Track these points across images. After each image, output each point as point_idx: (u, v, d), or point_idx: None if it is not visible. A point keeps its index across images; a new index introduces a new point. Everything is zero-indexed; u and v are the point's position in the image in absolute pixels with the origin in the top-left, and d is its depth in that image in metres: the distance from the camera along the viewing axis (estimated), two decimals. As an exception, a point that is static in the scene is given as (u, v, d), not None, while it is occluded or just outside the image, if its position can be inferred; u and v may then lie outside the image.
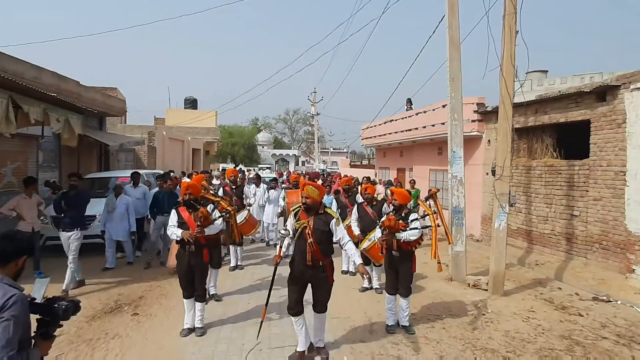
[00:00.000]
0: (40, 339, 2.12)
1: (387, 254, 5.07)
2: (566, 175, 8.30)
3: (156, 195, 8.07)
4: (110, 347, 4.47)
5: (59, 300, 2.14)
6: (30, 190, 7.02)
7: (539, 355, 4.42)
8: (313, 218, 4.06)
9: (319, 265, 4.04)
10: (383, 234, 4.92)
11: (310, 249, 3.98)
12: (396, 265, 5.01)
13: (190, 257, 4.75)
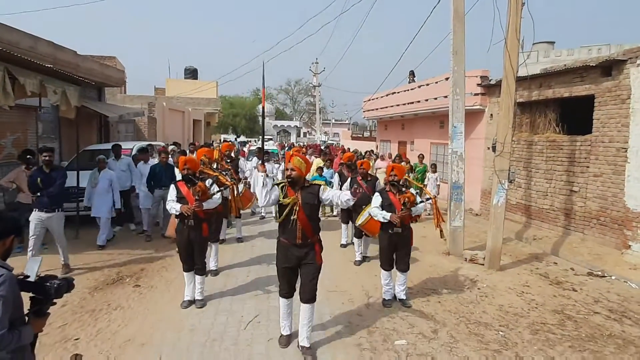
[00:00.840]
0: (33, 317, 2.14)
1: (386, 231, 5.00)
2: (568, 150, 8.25)
3: (153, 168, 8.01)
4: (112, 318, 4.59)
5: (52, 278, 2.16)
6: (28, 163, 7.03)
7: (531, 330, 4.52)
8: (300, 192, 3.84)
9: (308, 244, 3.86)
10: (402, 210, 4.78)
11: (300, 226, 3.79)
12: (396, 242, 5.00)
13: (189, 231, 4.80)
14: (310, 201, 3.83)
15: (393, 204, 4.94)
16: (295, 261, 3.88)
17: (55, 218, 5.82)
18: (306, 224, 3.80)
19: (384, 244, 5.10)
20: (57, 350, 3.89)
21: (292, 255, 3.86)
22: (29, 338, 2.10)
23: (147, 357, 3.81)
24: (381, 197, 5.08)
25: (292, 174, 3.82)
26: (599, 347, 4.18)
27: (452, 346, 4.11)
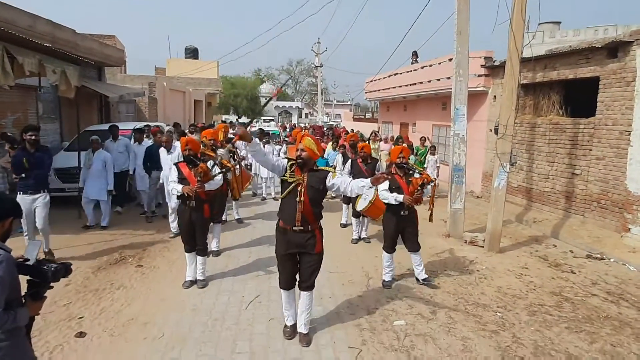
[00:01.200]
0: (30, 300, 2.14)
1: (395, 213, 4.97)
2: (570, 133, 8.20)
3: (149, 149, 7.95)
4: (115, 297, 4.66)
5: (49, 262, 2.16)
6: None
7: (528, 311, 4.57)
8: (307, 174, 3.65)
9: (309, 230, 3.65)
10: (418, 192, 4.77)
11: (301, 209, 3.58)
12: (403, 225, 5.02)
13: (191, 212, 4.82)
14: (315, 185, 3.64)
15: (401, 187, 4.93)
16: (295, 248, 3.69)
17: (41, 200, 5.56)
18: (308, 208, 3.60)
19: (390, 227, 5.08)
20: (61, 328, 3.96)
21: (292, 241, 3.67)
22: (24, 320, 2.10)
23: (150, 335, 3.87)
24: (389, 180, 4.98)
25: (303, 154, 3.63)
26: (595, 328, 4.23)
27: (451, 327, 4.17)
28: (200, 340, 3.80)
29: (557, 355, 3.72)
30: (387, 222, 5.13)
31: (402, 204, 4.87)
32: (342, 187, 3.68)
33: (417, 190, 4.77)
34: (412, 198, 4.79)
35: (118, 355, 3.54)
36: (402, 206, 4.90)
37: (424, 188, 4.78)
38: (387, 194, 4.95)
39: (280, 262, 3.82)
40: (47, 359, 3.48)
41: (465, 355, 3.67)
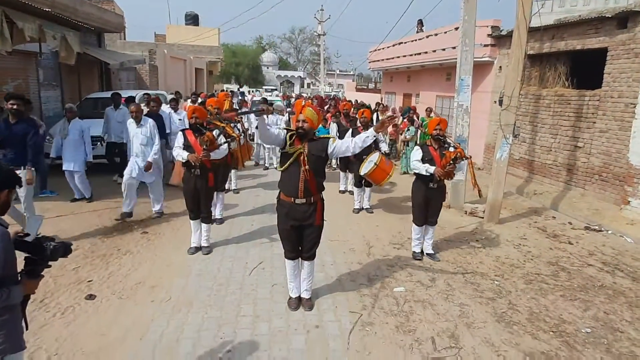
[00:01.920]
0: (26, 277, 2.03)
1: (424, 185, 4.94)
2: (575, 105, 8.14)
3: None
4: (122, 262, 4.77)
5: (49, 240, 2.06)
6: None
7: (525, 280, 4.69)
8: (307, 143, 3.58)
9: (311, 202, 3.63)
10: (450, 165, 4.66)
11: (303, 178, 3.53)
12: (431, 198, 4.99)
13: (195, 180, 4.87)
14: (317, 153, 3.59)
15: (434, 159, 4.84)
16: (298, 221, 3.66)
17: (22, 177, 4.92)
18: (311, 179, 3.55)
19: (419, 199, 5.03)
20: (71, 290, 4.09)
21: (294, 215, 3.64)
22: (17, 298, 1.99)
23: (158, 298, 4.00)
24: (422, 151, 4.97)
25: (304, 125, 3.54)
26: (589, 296, 4.35)
27: (449, 294, 4.29)
28: (206, 304, 3.93)
29: (551, 321, 3.85)
30: (415, 193, 5.08)
31: (432, 176, 4.80)
32: (344, 147, 3.65)
33: (449, 164, 4.66)
34: (443, 171, 4.68)
35: (127, 317, 3.67)
36: (431, 178, 4.83)
37: (456, 162, 4.68)
38: (419, 164, 4.88)
39: (284, 235, 3.80)
40: (60, 319, 3.61)
41: (462, 320, 3.79)
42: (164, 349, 3.26)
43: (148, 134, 6.11)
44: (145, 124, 6.14)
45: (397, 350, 3.33)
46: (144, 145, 6.08)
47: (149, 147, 6.13)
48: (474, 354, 3.32)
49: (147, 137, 6.10)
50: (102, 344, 3.29)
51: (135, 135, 6.13)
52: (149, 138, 6.14)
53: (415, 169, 4.96)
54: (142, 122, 6.12)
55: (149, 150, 6.12)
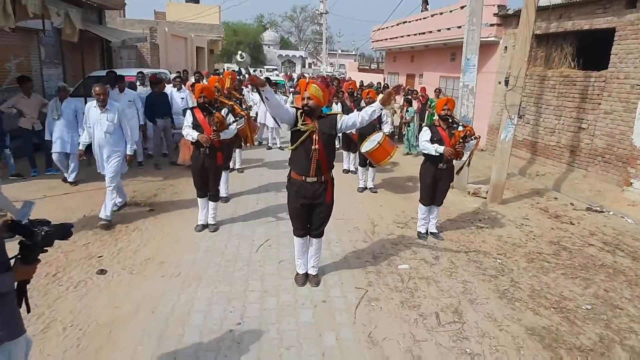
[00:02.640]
0: (20, 263, 1.91)
1: (433, 165, 4.93)
2: (581, 86, 8.10)
3: (150, 97, 7.82)
4: (131, 239, 4.85)
5: (43, 224, 1.92)
6: (27, 89, 6.98)
7: (527, 258, 4.77)
8: (317, 121, 3.59)
9: (322, 181, 3.66)
10: (459, 144, 4.64)
11: (315, 156, 3.54)
12: (439, 178, 4.98)
13: (204, 159, 4.90)
14: (327, 131, 3.60)
15: (443, 139, 4.80)
16: (308, 200, 3.69)
17: None
18: (323, 157, 3.57)
19: (427, 179, 5.03)
20: (83, 265, 4.17)
21: (304, 194, 3.66)
22: (7, 286, 1.85)
23: (167, 273, 4.09)
24: (430, 131, 4.93)
25: (310, 102, 3.54)
26: (590, 275, 4.44)
27: (452, 271, 4.38)
28: (215, 279, 4.02)
29: (552, 298, 3.94)
30: (424, 174, 5.06)
31: (441, 157, 4.79)
32: (351, 121, 3.67)
33: (459, 143, 4.65)
34: (453, 150, 4.66)
35: (138, 291, 3.76)
36: (440, 159, 4.82)
37: (465, 141, 4.66)
38: (428, 144, 4.84)
39: (293, 214, 3.83)
40: (73, 292, 3.70)
41: (465, 297, 3.88)
42: (175, 321, 3.35)
43: (115, 120, 5.10)
44: (111, 109, 5.12)
45: (402, 325, 3.42)
46: (109, 134, 5.09)
47: (115, 136, 5.15)
48: (477, 328, 3.41)
49: (113, 124, 5.09)
50: (115, 316, 3.38)
51: (99, 122, 5.09)
52: (116, 125, 5.13)
53: (425, 150, 4.92)
54: (107, 107, 5.10)
55: (115, 139, 5.15)
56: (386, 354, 3.06)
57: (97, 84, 5.22)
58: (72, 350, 2.98)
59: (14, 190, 6.07)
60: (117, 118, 5.13)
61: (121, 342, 3.08)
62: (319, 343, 3.15)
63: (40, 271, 3.98)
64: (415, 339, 3.24)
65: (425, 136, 4.95)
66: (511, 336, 3.33)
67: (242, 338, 3.17)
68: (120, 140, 5.23)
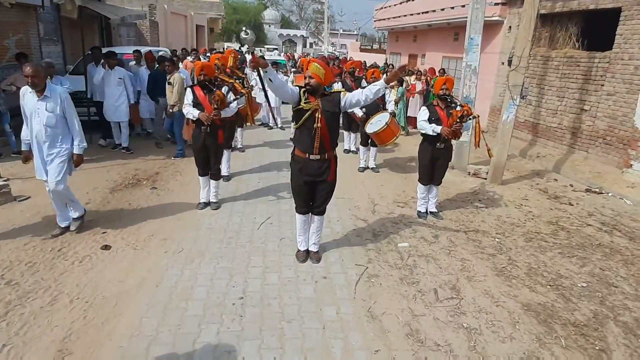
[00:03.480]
0: None
1: (430, 145, 4.95)
2: (584, 67, 8.04)
3: (153, 75, 7.69)
4: (134, 216, 4.90)
5: None
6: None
7: (525, 238, 4.83)
8: (320, 100, 3.60)
9: (326, 159, 3.70)
10: (456, 123, 4.63)
11: (319, 134, 3.58)
12: (437, 158, 5.00)
13: (205, 137, 4.90)
14: (331, 109, 3.62)
15: (441, 119, 4.80)
16: (311, 177, 3.74)
17: None
18: (326, 135, 3.60)
19: (425, 159, 5.05)
20: (87, 241, 4.23)
21: (308, 171, 3.70)
22: None
23: (171, 249, 4.15)
24: (428, 111, 4.92)
25: (311, 81, 3.54)
26: (587, 254, 4.50)
27: (451, 249, 4.44)
28: (217, 255, 4.08)
29: (549, 276, 4.01)
30: (422, 153, 5.09)
31: (439, 137, 4.80)
32: (355, 99, 3.66)
33: (456, 123, 4.64)
34: (450, 130, 4.67)
35: (142, 266, 3.83)
36: (438, 138, 4.83)
37: (463, 121, 4.66)
38: (426, 124, 4.86)
39: (296, 191, 3.88)
40: (78, 267, 3.77)
41: (463, 274, 3.95)
42: (179, 295, 3.42)
43: (57, 110, 4.02)
44: (52, 96, 4.01)
45: (401, 300, 3.49)
46: (51, 128, 4.01)
47: (58, 130, 4.07)
48: (474, 304, 3.49)
49: (54, 115, 4.01)
50: (120, 290, 3.45)
51: (36, 112, 3.99)
52: (59, 117, 4.05)
53: (422, 129, 4.94)
54: (46, 93, 3.99)
55: (58, 134, 4.08)
56: (385, 327, 3.14)
57: (27, 63, 4.14)
58: (79, 322, 3.06)
59: (15, 168, 6.10)
60: (59, 108, 4.03)
61: (127, 314, 3.16)
62: (319, 317, 3.23)
63: (45, 246, 4.07)
64: (414, 314, 3.31)
65: (423, 115, 4.94)
66: (507, 312, 3.41)
67: (245, 311, 3.25)
68: (66, 136, 4.16)
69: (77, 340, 2.87)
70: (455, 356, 2.87)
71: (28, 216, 4.74)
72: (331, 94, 3.71)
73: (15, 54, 7.35)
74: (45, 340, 2.86)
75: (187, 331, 3.00)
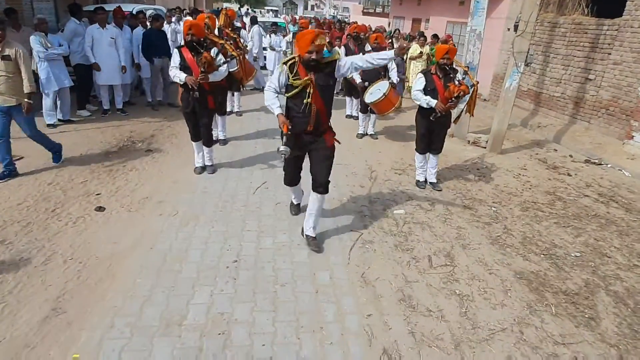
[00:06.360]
0: None
1: (425, 117, 4.77)
2: (592, 35, 7.80)
3: (147, 34, 7.42)
4: (129, 178, 4.86)
5: None
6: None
7: (521, 207, 4.82)
8: (314, 73, 3.29)
9: (320, 132, 3.47)
10: (451, 102, 4.45)
11: (314, 111, 3.33)
12: (433, 127, 4.83)
13: (194, 103, 4.65)
14: (325, 82, 3.35)
15: (437, 89, 4.60)
16: (304, 149, 3.55)
17: None
18: (321, 109, 3.37)
19: (421, 129, 4.93)
20: (81, 202, 4.20)
21: (300, 144, 3.49)
22: None
23: (165, 212, 4.13)
24: (425, 79, 4.70)
25: (317, 57, 3.23)
26: (582, 224, 4.50)
27: (447, 217, 4.43)
28: (212, 219, 4.07)
29: (543, 245, 4.01)
30: (419, 123, 4.96)
31: (433, 110, 4.63)
32: (355, 64, 3.34)
33: (451, 101, 4.46)
34: (444, 107, 4.50)
35: (136, 228, 3.81)
36: (433, 110, 4.65)
37: (459, 100, 4.48)
38: (420, 95, 4.68)
39: (286, 162, 3.58)
40: (72, 228, 3.75)
41: (458, 242, 3.95)
42: (173, 257, 3.43)
43: None
44: None
45: (395, 266, 3.50)
46: None
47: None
48: (467, 271, 3.50)
49: None
50: (114, 251, 3.45)
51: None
52: None
53: (417, 100, 4.76)
54: None
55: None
56: (378, 292, 3.16)
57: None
58: (73, 282, 3.06)
59: (9, 128, 5.99)
60: None
61: (120, 275, 3.16)
62: (312, 281, 3.24)
63: (38, 206, 4.04)
64: (407, 280, 3.33)
65: (418, 85, 4.73)
66: (500, 279, 3.42)
67: (238, 274, 3.26)
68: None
69: (71, 299, 2.89)
70: (446, 322, 2.90)
71: (22, 176, 4.68)
72: (326, 64, 3.33)
73: (4, 9, 7.06)
74: (39, 298, 2.87)
75: (181, 292, 3.01)
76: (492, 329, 2.85)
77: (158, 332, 2.64)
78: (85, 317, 2.73)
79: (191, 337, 2.62)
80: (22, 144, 5.43)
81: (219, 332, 2.67)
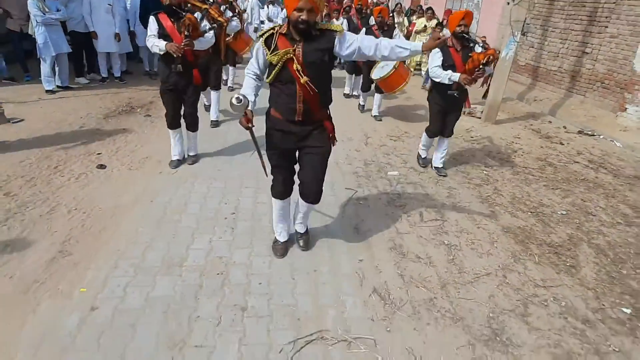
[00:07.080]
0: None
1: (442, 93, 4.28)
2: (590, 8, 7.81)
3: (144, 2, 7.23)
4: (128, 140, 4.96)
5: None
6: None
7: (512, 171, 4.94)
8: (302, 45, 2.44)
9: (314, 121, 2.64)
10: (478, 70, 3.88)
11: (301, 95, 2.50)
12: (449, 107, 4.39)
13: (177, 78, 3.94)
14: (316, 58, 2.46)
15: (455, 64, 4.08)
16: (294, 143, 2.70)
17: None
18: (311, 91, 2.47)
19: (436, 108, 4.45)
20: (82, 160, 4.31)
21: (289, 135, 2.67)
22: None
23: (165, 171, 4.24)
24: (442, 53, 4.12)
25: (308, 17, 2.33)
26: (570, 187, 4.64)
27: (439, 179, 4.55)
28: (211, 177, 4.18)
29: (531, 204, 4.15)
30: (433, 102, 4.48)
31: (453, 83, 4.10)
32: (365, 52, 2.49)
33: (478, 69, 3.87)
34: (470, 78, 3.92)
35: (137, 184, 3.93)
36: (452, 86, 4.14)
37: (487, 66, 3.90)
38: (440, 71, 4.11)
39: (274, 160, 2.80)
40: (74, 183, 3.87)
41: (449, 200, 4.09)
42: (173, 209, 3.55)
43: None
44: None
45: (387, 220, 3.64)
46: None
47: None
48: (457, 225, 3.64)
49: None
50: (116, 204, 3.57)
51: None
52: None
53: (436, 78, 4.17)
54: None
55: None
56: (370, 242, 3.30)
57: None
58: (78, 229, 3.19)
59: (7, 93, 6.07)
60: None
61: (123, 224, 3.29)
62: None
63: (41, 164, 4.15)
64: (398, 232, 3.47)
65: (436, 60, 4.15)
66: (487, 232, 3.57)
67: (236, 224, 3.39)
68: None
69: (76, 243, 3.02)
70: (434, 266, 3.05)
71: (23, 137, 4.77)
72: (321, 32, 2.48)
73: None
74: (46, 242, 3.00)
75: (181, 240, 3.15)
76: (477, 274, 3.01)
77: (160, 272, 2.78)
78: (91, 259, 2.87)
79: (191, 276, 2.77)
80: (23, 108, 5.52)
81: (218, 272, 2.82)
